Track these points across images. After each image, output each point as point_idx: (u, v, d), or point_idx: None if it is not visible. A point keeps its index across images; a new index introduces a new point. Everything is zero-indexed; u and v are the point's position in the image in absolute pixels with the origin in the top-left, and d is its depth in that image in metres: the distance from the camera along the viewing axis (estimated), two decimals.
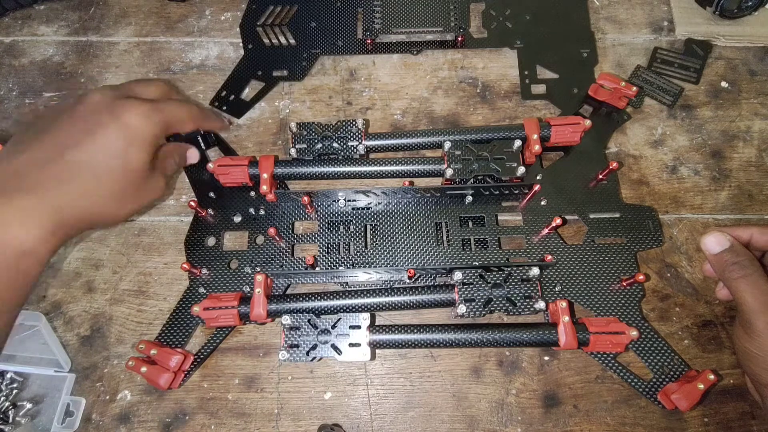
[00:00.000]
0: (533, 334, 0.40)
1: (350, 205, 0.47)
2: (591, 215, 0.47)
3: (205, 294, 0.45)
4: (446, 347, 0.42)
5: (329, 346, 0.40)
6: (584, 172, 0.48)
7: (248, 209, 0.48)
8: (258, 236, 0.47)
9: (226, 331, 0.44)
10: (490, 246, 0.45)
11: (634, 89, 0.47)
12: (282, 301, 0.42)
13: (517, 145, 0.45)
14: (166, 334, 0.44)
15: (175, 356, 0.41)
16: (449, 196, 0.47)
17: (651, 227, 0.46)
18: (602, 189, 0.48)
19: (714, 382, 0.39)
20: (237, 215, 0.48)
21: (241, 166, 0.45)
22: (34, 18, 0.57)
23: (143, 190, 0.38)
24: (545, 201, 0.47)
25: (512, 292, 0.40)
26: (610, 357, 0.42)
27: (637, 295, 0.44)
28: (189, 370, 0.43)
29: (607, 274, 0.44)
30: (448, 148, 0.45)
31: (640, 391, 0.41)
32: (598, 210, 0.47)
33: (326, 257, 0.46)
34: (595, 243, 0.46)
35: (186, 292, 0.45)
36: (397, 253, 0.45)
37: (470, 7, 0.56)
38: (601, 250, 0.45)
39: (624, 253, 0.45)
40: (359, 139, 0.46)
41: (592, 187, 0.48)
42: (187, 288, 0.45)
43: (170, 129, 0.39)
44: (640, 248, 0.45)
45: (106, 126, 0.35)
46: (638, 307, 0.43)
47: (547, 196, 0.47)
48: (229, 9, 0.57)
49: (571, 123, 0.46)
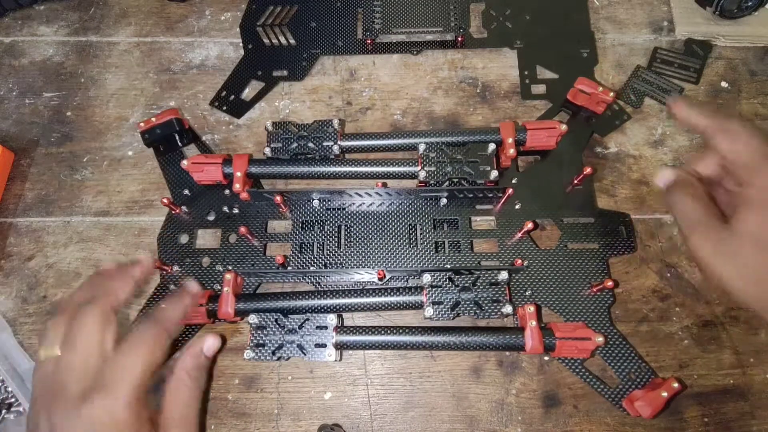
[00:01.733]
0: (500, 338, 0.40)
1: (324, 206, 0.47)
2: (565, 220, 0.47)
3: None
4: (413, 349, 0.43)
5: (295, 346, 0.40)
6: (560, 177, 0.48)
7: (222, 207, 0.48)
8: (231, 234, 0.47)
9: (195, 329, 0.44)
10: (462, 249, 0.45)
11: (611, 94, 0.47)
12: (251, 300, 0.42)
13: (491, 149, 0.45)
14: None
15: None
16: (423, 198, 0.47)
17: (624, 233, 0.46)
18: (577, 194, 0.47)
19: (678, 390, 0.38)
20: (211, 213, 0.48)
21: (215, 164, 0.45)
22: (34, 18, 0.57)
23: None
24: (519, 205, 0.47)
25: (480, 296, 0.40)
26: (577, 362, 0.42)
27: (606, 301, 0.44)
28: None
29: (577, 279, 0.44)
30: (422, 150, 0.45)
31: (606, 397, 0.41)
32: (572, 215, 0.47)
33: (299, 257, 0.46)
34: (568, 248, 0.45)
35: (156, 289, 0.45)
36: (370, 254, 0.45)
37: (470, 7, 0.56)
38: (573, 256, 0.45)
39: (596, 259, 0.45)
40: (334, 139, 0.46)
41: (567, 192, 0.48)
42: (157, 285, 0.46)
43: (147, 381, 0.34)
44: (612, 254, 0.45)
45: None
46: (607, 313, 0.43)
47: (521, 200, 0.47)
48: (229, 9, 0.57)
49: (547, 127, 0.46)
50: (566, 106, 0.50)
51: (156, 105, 0.53)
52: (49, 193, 0.50)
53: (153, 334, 0.35)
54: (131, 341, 0.35)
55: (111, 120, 0.53)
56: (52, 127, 0.53)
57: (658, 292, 0.45)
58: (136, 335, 0.35)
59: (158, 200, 0.48)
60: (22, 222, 0.49)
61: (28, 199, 0.50)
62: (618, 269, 0.46)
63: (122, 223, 0.49)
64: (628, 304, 0.45)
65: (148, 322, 0.36)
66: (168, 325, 0.36)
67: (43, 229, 0.49)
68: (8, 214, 0.49)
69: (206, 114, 0.53)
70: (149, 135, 0.49)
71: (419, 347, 0.41)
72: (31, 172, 0.51)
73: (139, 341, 0.34)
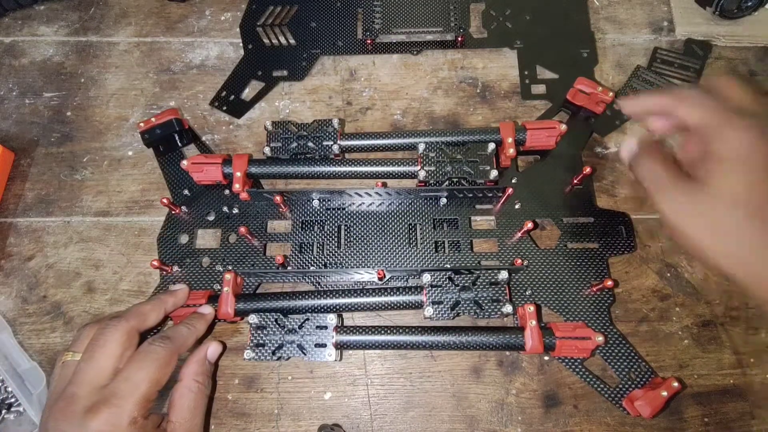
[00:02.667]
0: (500, 338, 0.40)
1: (324, 206, 0.47)
2: (565, 220, 0.47)
3: None
4: (413, 349, 0.42)
5: (295, 346, 0.40)
6: (560, 177, 0.48)
7: (222, 207, 0.48)
8: (231, 234, 0.47)
9: None
10: (462, 248, 0.45)
11: (611, 94, 0.47)
12: (251, 300, 0.42)
13: (490, 149, 0.45)
14: None
15: None
16: (423, 198, 0.47)
17: (624, 233, 0.46)
18: (577, 194, 0.47)
19: (678, 390, 0.38)
20: (211, 213, 0.48)
21: (215, 164, 0.45)
22: (34, 18, 0.57)
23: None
24: (519, 204, 0.47)
25: (480, 296, 0.40)
26: (577, 362, 0.42)
27: (606, 300, 0.44)
28: None
29: (577, 279, 0.44)
30: (422, 150, 0.45)
31: (606, 397, 0.41)
32: (572, 214, 0.47)
33: (299, 257, 0.46)
34: (568, 248, 0.45)
35: (156, 289, 0.45)
36: (370, 254, 0.45)
37: (470, 7, 0.56)
38: (573, 255, 0.45)
39: (595, 259, 0.45)
40: (334, 139, 0.46)
41: (567, 192, 0.48)
42: (157, 285, 0.45)
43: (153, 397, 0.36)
44: (612, 254, 0.45)
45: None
46: (607, 313, 0.43)
47: (521, 199, 0.47)
48: (229, 9, 0.57)
49: (547, 127, 0.46)
50: (566, 106, 0.50)
51: (156, 105, 0.53)
52: (49, 193, 0.50)
53: (164, 353, 0.36)
54: (142, 356, 0.36)
55: (111, 120, 0.53)
56: (52, 127, 0.53)
57: (658, 292, 0.45)
58: (148, 351, 0.36)
59: (158, 200, 0.48)
60: (22, 222, 0.49)
61: (28, 199, 0.50)
62: (618, 269, 0.46)
63: (122, 223, 0.49)
64: (628, 303, 0.45)
65: (161, 340, 0.37)
66: (180, 347, 0.38)
67: (43, 229, 0.49)
68: (8, 214, 0.49)
69: (206, 114, 0.53)
70: (149, 135, 0.49)
71: (419, 347, 0.41)
72: (31, 172, 0.51)
73: (151, 358, 0.36)
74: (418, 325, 0.42)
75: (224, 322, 0.45)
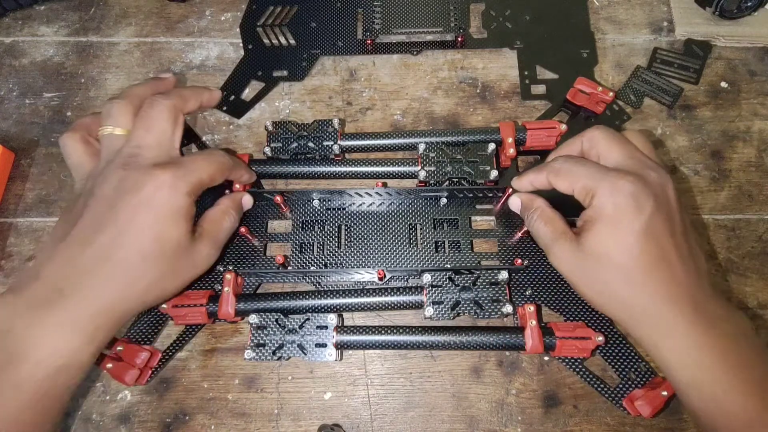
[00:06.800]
0: (500, 338, 0.40)
1: (324, 206, 0.47)
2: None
3: None
4: (413, 349, 0.42)
5: (296, 346, 0.40)
6: None
7: None
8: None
9: (195, 329, 0.44)
10: (462, 248, 0.45)
11: (610, 94, 0.47)
12: (251, 300, 0.42)
13: (491, 149, 0.45)
14: (135, 331, 0.43)
15: (142, 353, 0.41)
16: (423, 198, 0.47)
17: None
18: None
19: None
20: None
21: None
22: (34, 18, 0.57)
23: (187, 266, 0.37)
24: None
25: (480, 296, 0.40)
26: (577, 362, 0.42)
27: None
28: (157, 367, 0.42)
29: None
30: (422, 150, 0.45)
31: (606, 397, 0.41)
32: (572, 214, 0.47)
33: (299, 257, 0.46)
34: None
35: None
36: (370, 254, 0.45)
37: (470, 7, 0.56)
38: None
39: None
40: (334, 139, 0.46)
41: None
42: None
43: (202, 189, 0.37)
44: None
45: (130, 208, 0.33)
46: None
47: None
48: (229, 9, 0.57)
49: (547, 127, 0.46)
50: (566, 106, 0.51)
51: None
52: (49, 193, 0.50)
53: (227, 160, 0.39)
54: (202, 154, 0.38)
55: None
56: (53, 127, 0.53)
57: None
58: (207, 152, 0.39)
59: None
60: (23, 222, 0.49)
61: (29, 199, 0.50)
62: None
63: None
64: None
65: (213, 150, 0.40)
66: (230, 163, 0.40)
67: (43, 229, 0.49)
68: (8, 214, 0.49)
69: (206, 114, 0.53)
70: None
71: (419, 347, 0.41)
72: (31, 172, 0.51)
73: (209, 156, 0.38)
74: (418, 325, 0.42)
75: (225, 322, 0.45)
